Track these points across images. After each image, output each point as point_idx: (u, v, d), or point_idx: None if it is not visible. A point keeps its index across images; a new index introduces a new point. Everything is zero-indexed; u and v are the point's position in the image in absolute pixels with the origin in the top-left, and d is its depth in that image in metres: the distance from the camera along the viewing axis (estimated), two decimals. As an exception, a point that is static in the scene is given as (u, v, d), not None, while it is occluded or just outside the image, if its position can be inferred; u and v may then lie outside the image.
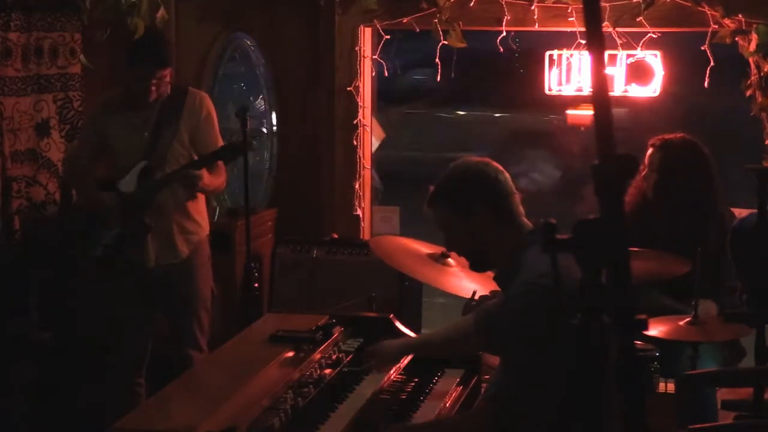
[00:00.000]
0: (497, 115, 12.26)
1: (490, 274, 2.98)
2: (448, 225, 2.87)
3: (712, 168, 4.48)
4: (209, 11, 5.43)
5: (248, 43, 5.55)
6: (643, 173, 4.48)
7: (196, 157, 4.25)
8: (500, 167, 2.86)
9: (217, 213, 5.32)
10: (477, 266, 2.99)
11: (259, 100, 5.55)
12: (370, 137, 5.38)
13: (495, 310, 2.87)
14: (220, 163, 4.31)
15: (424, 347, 3.29)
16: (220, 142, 4.33)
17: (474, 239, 2.82)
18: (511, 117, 11.74)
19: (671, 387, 4.35)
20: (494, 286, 3.13)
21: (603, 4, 4.66)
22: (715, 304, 4.20)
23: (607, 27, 4.73)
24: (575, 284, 1.58)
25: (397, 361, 3.29)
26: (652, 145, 4.49)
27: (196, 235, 4.33)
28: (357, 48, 5.23)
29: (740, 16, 4.63)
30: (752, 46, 4.60)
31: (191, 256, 4.31)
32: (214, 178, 4.26)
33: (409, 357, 3.33)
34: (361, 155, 5.33)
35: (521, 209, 2.84)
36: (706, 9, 4.66)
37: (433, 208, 2.88)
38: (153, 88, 4.14)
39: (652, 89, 4.92)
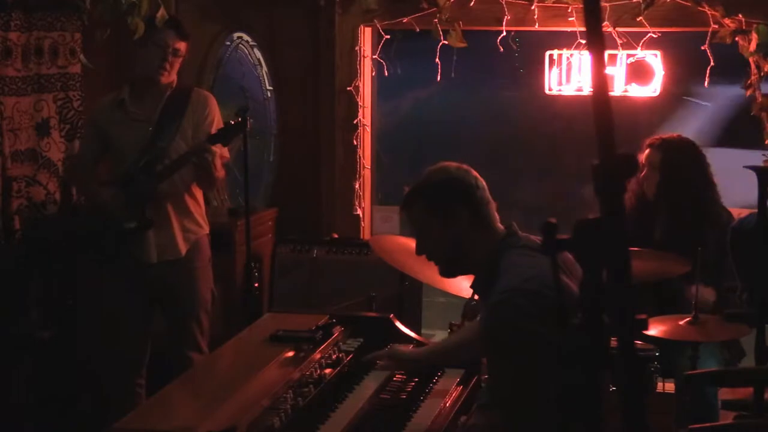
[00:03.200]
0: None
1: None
2: (424, 228, 2.85)
3: (709, 168, 4.49)
4: (209, 11, 5.43)
5: (248, 43, 5.55)
6: (643, 174, 4.47)
7: None
8: (477, 175, 2.86)
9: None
10: (447, 272, 2.94)
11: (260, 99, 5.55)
12: (371, 137, 5.39)
13: (485, 318, 2.86)
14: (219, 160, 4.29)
15: (441, 355, 3.27)
16: (226, 148, 4.32)
17: (450, 244, 2.81)
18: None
19: (671, 387, 4.35)
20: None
21: (603, 3, 4.66)
22: (713, 291, 4.20)
23: (607, 27, 4.73)
24: (565, 290, 1.58)
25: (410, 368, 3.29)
26: (650, 146, 4.48)
27: (195, 234, 4.33)
28: (357, 48, 5.23)
29: (740, 15, 4.63)
30: (752, 46, 4.60)
31: (191, 256, 4.31)
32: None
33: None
34: (361, 155, 5.33)
35: (497, 217, 2.85)
36: (707, 9, 4.66)
37: (409, 209, 2.86)
38: (167, 63, 4.18)
39: (652, 89, 4.92)
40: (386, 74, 5.28)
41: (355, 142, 5.30)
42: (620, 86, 4.90)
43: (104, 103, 4.38)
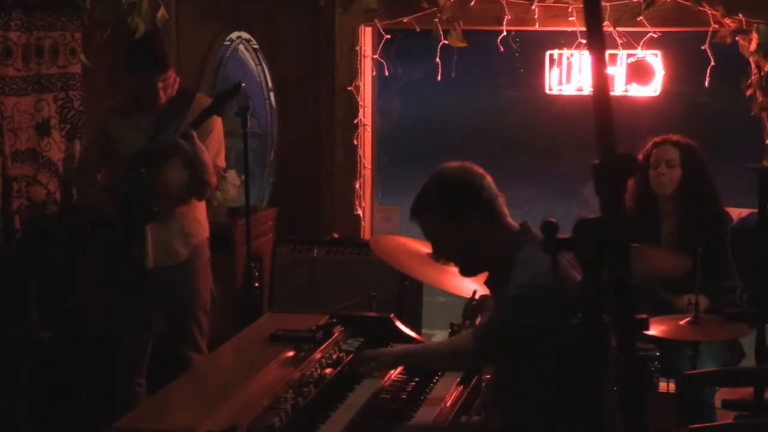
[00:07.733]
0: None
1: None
2: (438, 234, 2.86)
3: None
4: (209, 11, 5.43)
5: (248, 42, 5.55)
6: (657, 170, 4.43)
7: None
8: (482, 171, 2.86)
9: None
10: (467, 272, 2.97)
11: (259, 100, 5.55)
12: (371, 137, 5.39)
13: (494, 319, 2.85)
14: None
15: (419, 358, 3.21)
16: (222, 156, 4.30)
17: (466, 246, 2.82)
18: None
19: (671, 387, 4.35)
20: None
21: (603, 3, 4.67)
22: (706, 299, 4.19)
23: (607, 26, 4.73)
24: (574, 284, 1.58)
25: (391, 368, 3.26)
26: (663, 143, 4.45)
27: (196, 238, 4.32)
28: (357, 48, 5.23)
29: (740, 15, 4.63)
30: (752, 46, 4.60)
31: (190, 258, 4.30)
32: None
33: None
34: (361, 155, 5.33)
35: (506, 210, 2.85)
36: (707, 8, 4.66)
37: (419, 218, 2.87)
38: (160, 92, 4.14)
39: (652, 89, 4.92)
40: (386, 74, 5.28)
41: (355, 142, 5.30)
42: (620, 86, 4.90)
43: (113, 105, 4.36)
